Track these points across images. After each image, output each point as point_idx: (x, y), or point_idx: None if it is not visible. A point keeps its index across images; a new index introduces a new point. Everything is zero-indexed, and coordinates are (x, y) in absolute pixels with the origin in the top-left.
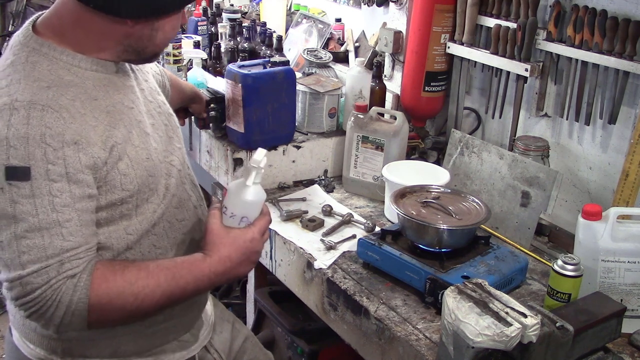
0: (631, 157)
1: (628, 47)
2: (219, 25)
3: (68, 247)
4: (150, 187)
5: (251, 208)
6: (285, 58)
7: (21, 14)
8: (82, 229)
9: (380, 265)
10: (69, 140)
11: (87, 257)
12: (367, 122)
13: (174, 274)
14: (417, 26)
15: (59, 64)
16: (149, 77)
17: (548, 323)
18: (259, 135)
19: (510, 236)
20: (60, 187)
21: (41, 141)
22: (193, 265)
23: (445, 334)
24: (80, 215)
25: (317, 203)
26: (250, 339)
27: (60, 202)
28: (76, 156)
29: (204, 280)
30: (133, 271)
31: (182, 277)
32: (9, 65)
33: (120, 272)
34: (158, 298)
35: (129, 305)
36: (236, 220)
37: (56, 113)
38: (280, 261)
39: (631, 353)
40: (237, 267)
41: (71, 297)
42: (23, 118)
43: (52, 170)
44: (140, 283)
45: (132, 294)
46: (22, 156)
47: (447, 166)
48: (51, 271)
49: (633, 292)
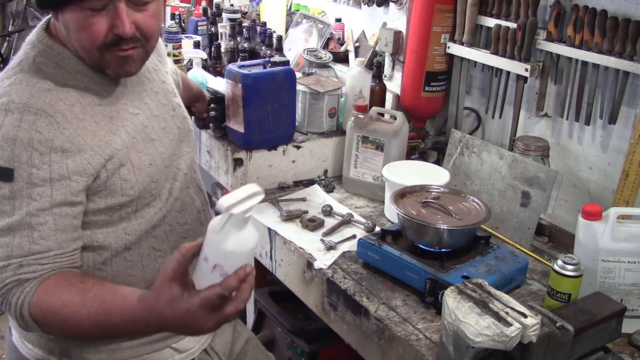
0: (631, 157)
1: (628, 47)
2: (219, 25)
3: (35, 250)
4: (151, 193)
5: (227, 258)
6: (285, 58)
7: (21, 14)
8: (57, 233)
9: (380, 265)
10: (57, 146)
11: (52, 264)
12: (367, 122)
13: (104, 310)
14: (417, 26)
15: (65, 69)
16: (168, 78)
17: (548, 323)
18: (259, 135)
19: (510, 236)
20: (40, 192)
21: (29, 145)
22: (127, 307)
23: (445, 334)
24: (56, 220)
25: (317, 203)
26: (251, 341)
27: (38, 205)
28: (63, 162)
29: (137, 327)
30: (72, 293)
31: (112, 316)
32: (17, 64)
33: (63, 289)
34: (89, 328)
35: (61, 325)
36: (208, 267)
37: (50, 118)
38: (280, 261)
39: (631, 353)
40: (173, 329)
41: (17, 300)
42: (15, 120)
43: (36, 174)
44: (71, 308)
45: (63, 316)
46: (7, 157)
47: (447, 166)
48: (8, 271)
49: (633, 292)
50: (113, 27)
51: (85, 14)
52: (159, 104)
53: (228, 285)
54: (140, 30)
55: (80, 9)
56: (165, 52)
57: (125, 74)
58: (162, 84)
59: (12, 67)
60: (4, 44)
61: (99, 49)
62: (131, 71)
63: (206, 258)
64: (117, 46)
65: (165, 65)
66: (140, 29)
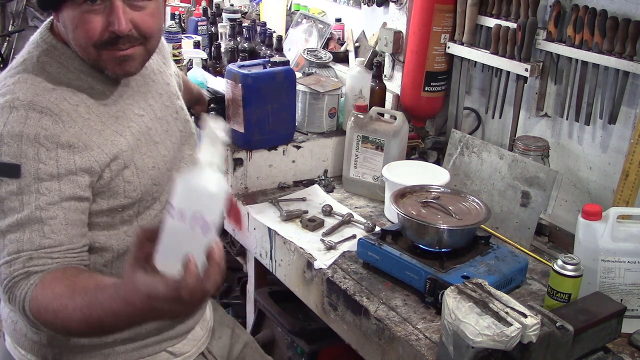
0: (631, 157)
1: (628, 47)
2: (219, 25)
3: (45, 244)
4: (153, 196)
5: (207, 201)
6: (285, 58)
7: (21, 14)
8: (67, 227)
9: (380, 265)
10: (63, 142)
11: (62, 259)
12: (367, 122)
13: (88, 303)
14: (417, 26)
15: (69, 68)
16: (172, 80)
17: (548, 323)
18: (259, 135)
19: (510, 236)
20: (49, 186)
21: (35, 140)
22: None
23: (445, 334)
24: (66, 214)
25: (317, 203)
26: (250, 345)
27: (47, 199)
28: (70, 158)
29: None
30: (63, 286)
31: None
32: (20, 62)
33: (57, 283)
34: (77, 323)
35: (53, 320)
36: (187, 224)
37: (55, 116)
38: (280, 261)
39: (631, 353)
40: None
41: (20, 293)
42: (21, 117)
43: (43, 170)
44: (60, 301)
45: (54, 311)
46: (14, 153)
47: (447, 166)
48: (17, 264)
49: (633, 292)
50: (109, 24)
51: (81, 10)
52: (162, 106)
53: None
54: (138, 28)
55: (77, 7)
56: (169, 54)
57: (124, 74)
58: (167, 86)
59: (15, 66)
60: (4, 44)
61: (95, 47)
62: (130, 71)
63: (182, 212)
64: (114, 45)
65: (169, 67)
66: (138, 27)
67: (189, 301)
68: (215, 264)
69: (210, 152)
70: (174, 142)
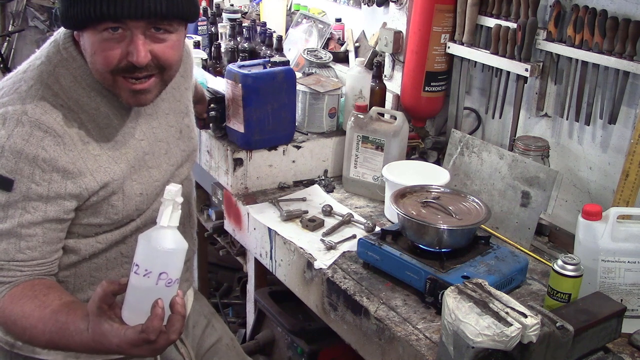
0: (631, 157)
1: (628, 47)
2: (219, 25)
3: (19, 258)
4: (132, 218)
5: (171, 260)
6: (285, 58)
7: (21, 14)
8: (44, 245)
9: (380, 265)
10: (60, 167)
11: (31, 272)
12: (367, 122)
13: (57, 330)
14: (417, 26)
15: (82, 84)
16: (185, 95)
17: (548, 323)
18: (259, 135)
19: (510, 236)
20: (35, 206)
21: (33, 161)
22: (75, 331)
23: (445, 334)
24: (46, 233)
25: (317, 203)
26: (224, 341)
27: (31, 218)
28: (63, 183)
29: (87, 350)
30: (33, 306)
31: (64, 338)
32: (37, 66)
33: (26, 300)
34: (44, 344)
35: (20, 335)
36: (152, 280)
37: (58, 138)
38: (280, 261)
39: (631, 353)
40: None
41: None
42: (25, 134)
43: (34, 190)
44: (30, 321)
45: (22, 327)
46: (10, 168)
47: (447, 166)
48: None
49: (633, 292)
50: (128, 54)
51: (102, 37)
52: (166, 127)
53: (152, 327)
54: (157, 59)
55: (98, 33)
56: (192, 66)
57: (138, 105)
58: (177, 103)
59: (32, 69)
60: (4, 44)
61: (112, 73)
62: (145, 103)
63: (147, 272)
64: (131, 73)
65: (187, 80)
66: (157, 58)
67: (155, 342)
68: (178, 313)
69: (168, 216)
70: (172, 165)
